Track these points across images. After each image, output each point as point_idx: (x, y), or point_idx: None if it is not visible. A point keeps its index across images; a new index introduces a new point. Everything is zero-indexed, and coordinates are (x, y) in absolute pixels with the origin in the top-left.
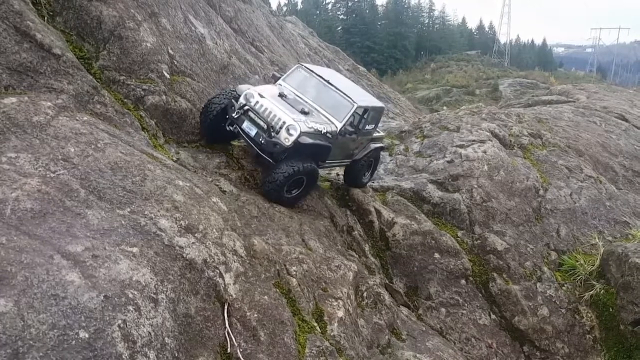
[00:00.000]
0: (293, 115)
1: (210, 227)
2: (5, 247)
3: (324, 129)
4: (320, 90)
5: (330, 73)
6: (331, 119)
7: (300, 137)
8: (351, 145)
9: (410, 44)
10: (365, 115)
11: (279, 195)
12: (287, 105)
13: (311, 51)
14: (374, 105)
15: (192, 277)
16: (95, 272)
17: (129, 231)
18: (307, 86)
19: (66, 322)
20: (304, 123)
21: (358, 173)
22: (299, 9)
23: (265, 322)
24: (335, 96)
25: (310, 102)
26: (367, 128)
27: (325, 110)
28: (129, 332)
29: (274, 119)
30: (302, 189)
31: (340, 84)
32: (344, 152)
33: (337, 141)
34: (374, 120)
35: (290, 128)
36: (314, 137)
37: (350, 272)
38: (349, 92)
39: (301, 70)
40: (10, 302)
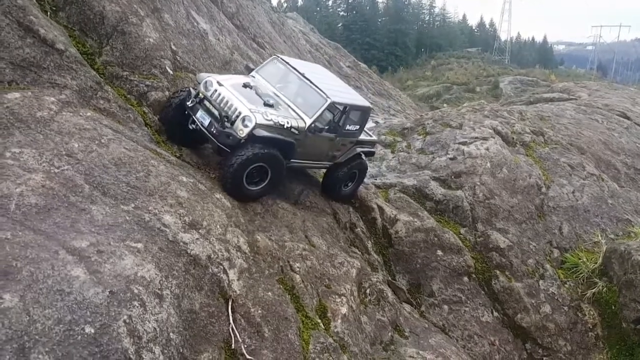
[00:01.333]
0: (251, 105)
1: (214, 223)
2: (11, 242)
3: (287, 124)
4: (294, 83)
5: (309, 67)
6: (301, 114)
7: (255, 130)
8: (327, 145)
9: (410, 41)
10: (346, 114)
11: (239, 186)
12: (248, 96)
13: (312, 48)
14: (357, 104)
15: (196, 273)
16: (100, 268)
17: (134, 227)
18: (281, 79)
19: (72, 317)
20: (262, 115)
21: (337, 181)
22: (300, 5)
23: (269, 318)
24: (308, 90)
25: (281, 95)
26: (348, 128)
27: (295, 104)
28: (135, 327)
29: (231, 108)
30: (267, 182)
31: (316, 79)
32: (319, 152)
33: (306, 139)
34: (358, 121)
35: (246, 119)
36: (273, 130)
37: (354, 268)
38: (324, 87)
39: (276, 62)
40: (16, 297)
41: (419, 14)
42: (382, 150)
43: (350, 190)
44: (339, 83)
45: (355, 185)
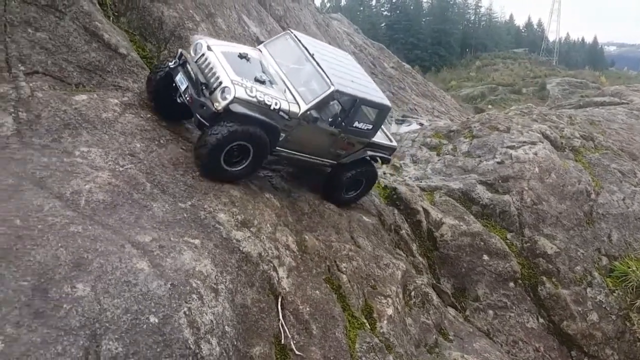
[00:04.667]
0: (236, 77)
1: (265, 222)
2: (82, 235)
3: (275, 104)
4: (299, 63)
5: (324, 48)
6: (297, 98)
7: (232, 104)
8: (328, 140)
9: (455, 40)
10: (355, 108)
11: (215, 167)
12: (238, 67)
13: (356, 49)
14: (371, 100)
15: (248, 269)
16: (162, 262)
17: (191, 224)
18: (288, 56)
19: (138, 307)
20: (245, 89)
21: (338, 184)
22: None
23: (317, 316)
24: (311, 73)
25: (282, 74)
26: (358, 126)
27: (294, 86)
28: (194, 319)
29: (213, 76)
30: (249, 162)
31: (327, 62)
32: (317, 146)
33: (300, 127)
34: (371, 119)
35: (225, 90)
36: (255, 109)
37: (399, 270)
38: (332, 73)
39: (287, 38)
40: (88, 287)
41: (464, 14)
42: (428, 153)
43: (351, 198)
44: (358, 74)
45: (358, 195)
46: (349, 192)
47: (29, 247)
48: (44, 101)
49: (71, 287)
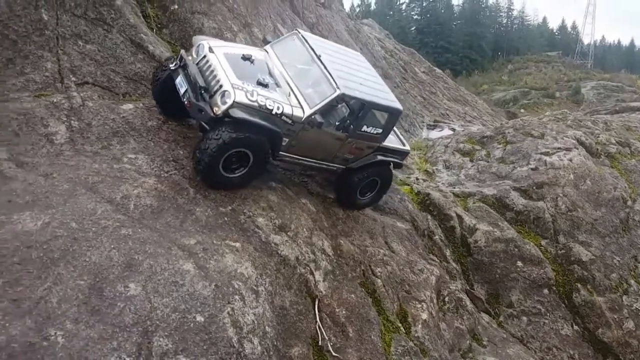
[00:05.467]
0: (237, 80)
1: (301, 227)
2: (132, 238)
3: (276, 109)
4: (306, 65)
5: (333, 49)
6: (302, 102)
7: (232, 109)
8: (335, 145)
9: (486, 44)
10: (363, 112)
11: (214, 174)
12: (240, 69)
13: (387, 53)
14: (380, 103)
15: (286, 272)
16: (206, 264)
17: (232, 227)
18: (295, 57)
19: (185, 306)
20: (246, 93)
21: (351, 187)
22: (372, 10)
23: (353, 319)
24: (318, 75)
25: (288, 76)
26: (365, 130)
27: (299, 90)
28: (237, 319)
29: (214, 79)
30: (248, 168)
31: (334, 64)
32: (323, 151)
33: (304, 132)
34: (380, 124)
35: (225, 94)
36: (255, 114)
37: (433, 276)
38: (338, 76)
39: (295, 38)
40: (139, 286)
41: (496, 17)
42: (461, 159)
43: (367, 201)
44: (369, 76)
45: (375, 196)
46: (364, 195)
47: (84, 248)
48: (94, 110)
49: (124, 287)
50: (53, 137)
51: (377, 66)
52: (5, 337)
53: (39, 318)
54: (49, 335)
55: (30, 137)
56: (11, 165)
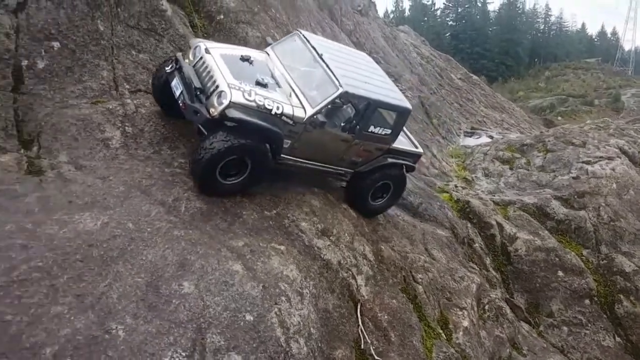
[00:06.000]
0: (234, 80)
1: (343, 232)
2: (184, 238)
3: (276, 109)
4: (308, 65)
5: (335, 48)
6: (303, 101)
7: (228, 109)
8: (340, 147)
9: (523, 50)
10: (369, 112)
11: (211, 182)
12: (238, 70)
13: (423, 60)
14: (387, 102)
15: (329, 276)
16: (253, 265)
17: (276, 231)
18: (296, 58)
19: (235, 305)
20: (243, 93)
21: (362, 192)
22: (407, 16)
23: (395, 324)
24: (320, 75)
25: (289, 76)
26: (372, 131)
27: (301, 90)
28: (284, 319)
29: (210, 80)
30: (246, 175)
31: (337, 63)
32: (328, 153)
33: (306, 133)
34: (388, 124)
35: (222, 95)
36: (254, 114)
37: (474, 284)
38: (341, 74)
39: (295, 39)
40: (192, 285)
41: (533, 23)
42: (500, 167)
43: (382, 205)
44: (375, 75)
45: (388, 201)
46: (376, 200)
47: (140, 247)
48: (146, 117)
49: (178, 285)
50: (109, 141)
51: (414, 72)
52: (71, 329)
53: (101, 313)
54: (111, 329)
55: (88, 142)
56: (71, 168)
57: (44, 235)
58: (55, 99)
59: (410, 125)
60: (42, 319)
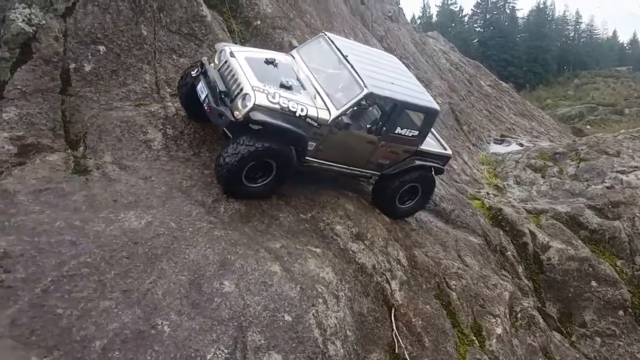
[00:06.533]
0: (258, 83)
1: (377, 236)
2: (224, 239)
3: (300, 111)
4: (333, 67)
5: (361, 50)
6: (328, 103)
7: (252, 112)
8: (366, 149)
9: (552, 57)
10: (395, 113)
11: (237, 186)
12: (262, 73)
13: (452, 66)
14: (416, 103)
15: (363, 280)
16: (291, 267)
17: (312, 234)
18: (322, 60)
19: (274, 305)
20: (267, 95)
21: (389, 194)
22: (434, 22)
23: (429, 329)
24: (345, 76)
25: (314, 79)
26: (399, 132)
27: (326, 92)
28: (321, 321)
29: (234, 83)
30: (271, 177)
31: (362, 64)
32: (354, 156)
33: (332, 135)
34: (416, 125)
35: (246, 97)
36: (278, 117)
37: (506, 291)
38: (366, 75)
39: (321, 41)
40: (233, 284)
41: (562, 30)
42: (532, 175)
43: (408, 209)
44: (402, 76)
45: (416, 205)
46: (405, 203)
47: (183, 246)
48: (186, 119)
49: (219, 284)
50: (151, 143)
51: (443, 79)
52: (119, 324)
53: (147, 308)
54: (156, 325)
55: (132, 143)
56: (115, 168)
57: (91, 232)
58: (100, 101)
59: (442, 131)
60: (91, 313)
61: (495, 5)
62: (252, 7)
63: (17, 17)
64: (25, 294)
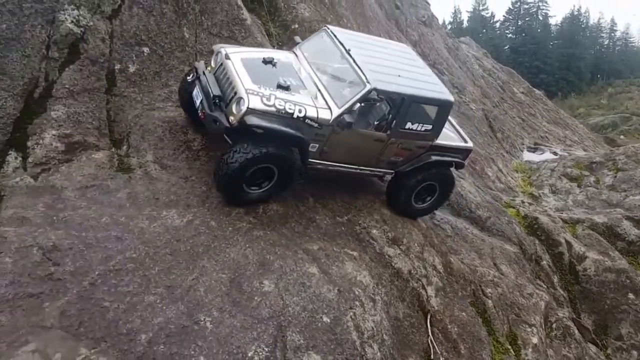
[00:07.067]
0: (252, 85)
1: (413, 242)
2: (263, 239)
3: (297, 112)
4: (336, 62)
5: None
6: (330, 102)
7: (247, 116)
8: (375, 147)
9: (585, 66)
10: (403, 107)
11: (237, 193)
12: (258, 74)
13: (485, 72)
14: (426, 96)
15: (399, 285)
16: (329, 269)
17: (349, 237)
18: (325, 55)
19: (313, 306)
20: (262, 98)
21: (404, 193)
22: (465, 27)
23: (464, 336)
24: (347, 72)
25: (316, 76)
26: (410, 128)
27: (327, 90)
28: (358, 323)
29: (229, 87)
30: (273, 183)
31: (365, 58)
32: (362, 155)
33: (335, 135)
34: (428, 119)
35: (240, 102)
36: (274, 120)
37: (542, 301)
38: (370, 69)
39: (323, 35)
40: (272, 284)
41: (596, 38)
42: (568, 184)
43: (426, 208)
44: (412, 67)
45: (433, 204)
46: (422, 202)
47: (223, 245)
48: None
49: (259, 283)
50: (191, 143)
51: (476, 85)
52: (163, 318)
53: (190, 304)
54: (199, 320)
55: (173, 143)
56: (156, 167)
57: (136, 229)
58: (144, 101)
59: (476, 138)
60: (137, 307)
61: (528, 11)
62: (290, 10)
63: (66, 18)
64: (74, 287)
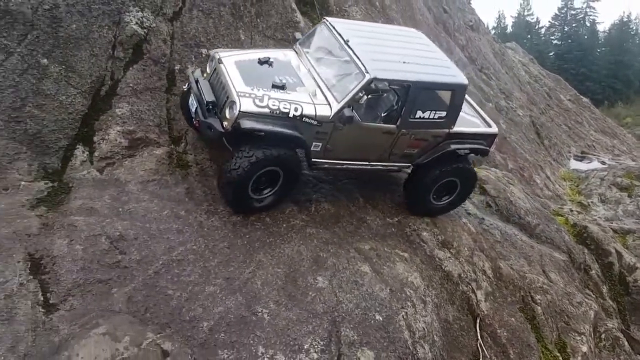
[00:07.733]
0: (245, 87)
1: (462, 246)
2: (316, 237)
3: (294, 110)
4: (335, 55)
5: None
6: (330, 97)
7: (241, 119)
8: (385, 141)
9: (633, 74)
10: (410, 95)
11: (244, 200)
12: (250, 75)
13: (531, 79)
14: (435, 81)
15: (449, 288)
16: (380, 269)
17: (399, 238)
18: (325, 49)
19: (365, 304)
20: (254, 100)
21: (422, 189)
22: (509, 33)
23: (513, 342)
24: (346, 64)
25: (315, 72)
26: (421, 116)
27: (326, 85)
28: (410, 323)
29: (222, 92)
30: (278, 187)
31: (366, 47)
32: (372, 150)
33: (338, 131)
34: (442, 105)
35: (233, 105)
36: (269, 121)
37: (592, 310)
38: (368, 58)
39: (323, 28)
40: (326, 280)
41: None
42: (618, 194)
43: (444, 207)
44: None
45: (454, 201)
46: (442, 199)
47: (278, 241)
48: None
49: (313, 279)
50: None
51: (523, 91)
52: (224, 308)
53: (248, 296)
54: (257, 312)
55: None
56: (212, 165)
57: (195, 222)
58: None
59: (523, 144)
60: (198, 296)
61: (575, 17)
62: (342, 13)
63: (131, 20)
64: (140, 275)
